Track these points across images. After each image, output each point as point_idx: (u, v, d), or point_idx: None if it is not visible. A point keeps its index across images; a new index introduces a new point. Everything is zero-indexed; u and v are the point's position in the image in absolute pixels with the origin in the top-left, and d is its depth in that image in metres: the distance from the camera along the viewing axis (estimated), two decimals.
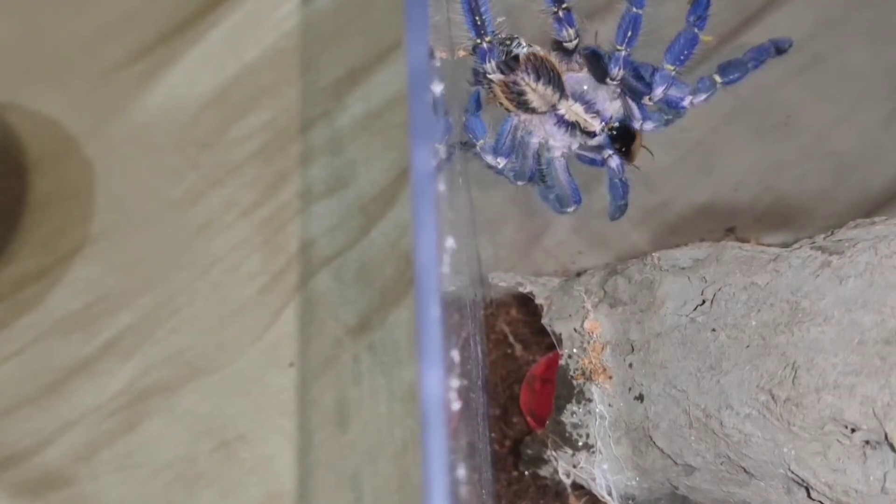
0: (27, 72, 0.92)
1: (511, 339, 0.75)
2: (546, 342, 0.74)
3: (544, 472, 0.64)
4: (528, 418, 0.70)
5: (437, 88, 0.41)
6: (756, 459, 0.48)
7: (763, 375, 0.47)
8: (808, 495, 0.47)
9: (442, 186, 0.38)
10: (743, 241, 0.68)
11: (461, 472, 0.36)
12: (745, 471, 0.49)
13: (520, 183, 0.57)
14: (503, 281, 0.65)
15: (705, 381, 0.50)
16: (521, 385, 0.72)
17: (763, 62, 0.54)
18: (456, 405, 0.36)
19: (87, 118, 0.90)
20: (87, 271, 0.86)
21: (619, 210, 0.55)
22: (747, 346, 0.48)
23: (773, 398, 0.46)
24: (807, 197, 0.84)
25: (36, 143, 0.89)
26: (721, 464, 0.51)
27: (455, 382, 0.36)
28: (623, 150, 0.54)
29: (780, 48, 0.55)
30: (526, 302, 0.74)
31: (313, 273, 0.84)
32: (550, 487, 0.67)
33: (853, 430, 0.44)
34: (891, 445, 0.42)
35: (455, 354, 0.38)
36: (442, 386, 0.32)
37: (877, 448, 0.43)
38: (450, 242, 0.39)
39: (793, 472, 0.46)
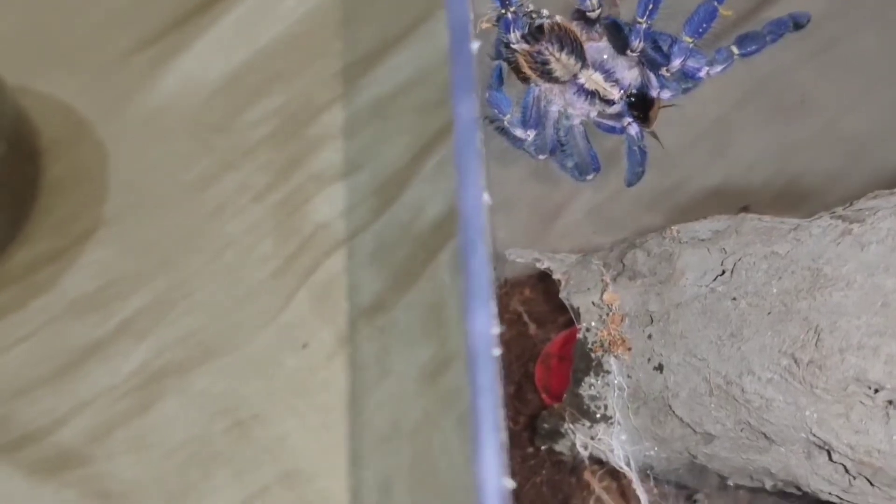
0: (41, 56, 0.92)
1: (525, 318, 0.75)
2: (560, 321, 0.74)
3: (560, 446, 0.64)
4: (544, 395, 0.70)
5: (475, 45, 0.41)
6: (777, 424, 0.48)
7: (785, 340, 0.47)
8: (830, 458, 0.47)
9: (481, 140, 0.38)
10: None
11: (500, 417, 0.37)
12: (765, 437, 0.49)
13: (541, 157, 0.58)
14: (520, 257, 0.66)
15: (726, 348, 0.50)
16: (535, 363, 0.73)
17: (781, 35, 0.55)
18: (496, 351, 0.36)
19: (101, 102, 0.91)
20: (101, 254, 0.86)
21: (636, 176, 0.56)
22: (769, 313, 0.49)
23: (795, 362, 0.46)
24: (820, 179, 0.84)
25: (49, 127, 0.90)
26: (741, 430, 0.51)
27: (495, 330, 0.36)
28: (641, 116, 0.54)
29: (797, 22, 0.56)
30: (540, 281, 0.75)
31: (327, 255, 0.84)
32: (566, 463, 0.67)
33: (876, 391, 0.44)
34: None
35: (492, 305, 0.38)
36: (490, 323, 0.32)
37: None
38: (486, 197, 0.39)
39: (814, 436, 0.47)
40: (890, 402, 0.44)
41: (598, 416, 0.58)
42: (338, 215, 0.86)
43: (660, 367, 0.54)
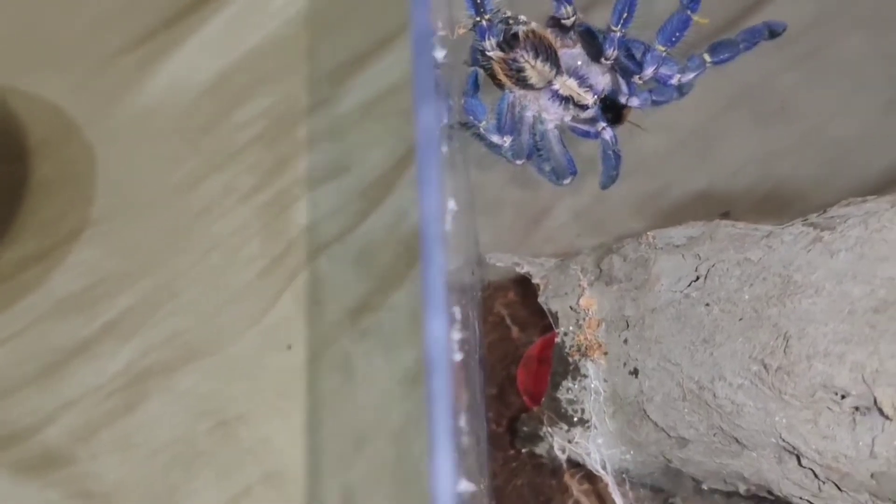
0: (29, 56, 0.93)
1: (508, 321, 0.75)
2: (543, 324, 0.75)
3: (540, 449, 0.64)
4: (525, 398, 0.71)
5: (440, 54, 0.42)
6: (748, 429, 0.49)
7: (756, 346, 0.48)
8: (799, 463, 0.47)
9: (444, 148, 0.39)
10: None
11: (462, 421, 0.37)
12: (737, 441, 0.50)
13: (518, 162, 0.58)
14: (500, 261, 0.66)
15: (699, 353, 0.51)
16: (517, 366, 0.73)
17: (755, 44, 0.55)
18: (458, 356, 0.37)
19: (89, 103, 0.91)
20: (88, 254, 0.86)
21: (610, 179, 0.56)
22: (740, 319, 0.49)
23: (765, 367, 0.47)
24: (804, 184, 0.85)
25: (37, 128, 0.90)
26: (714, 435, 0.51)
27: (457, 335, 0.37)
28: (614, 119, 0.55)
29: (773, 31, 0.56)
30: (523, 285, 0.75)
31: (313, 257, 0.85)
32: (546, 465, 0.67)
33: (843, 397, 0.44)
34: (880, 410, 0.43)
35: (456, 311, 0.39)
36: (445, 330, 0.33)
37: (866, 414, 0.44)
38: (451, 204, 0.40)
39: (784, 441, 0.47)
40: (856, 409, 0.44)
41: (575, 419, 0.59)
42: (323, 218, 0.86)
43: (635, 372, 0.55)
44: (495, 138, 0.54)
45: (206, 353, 0.83)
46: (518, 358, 0.74)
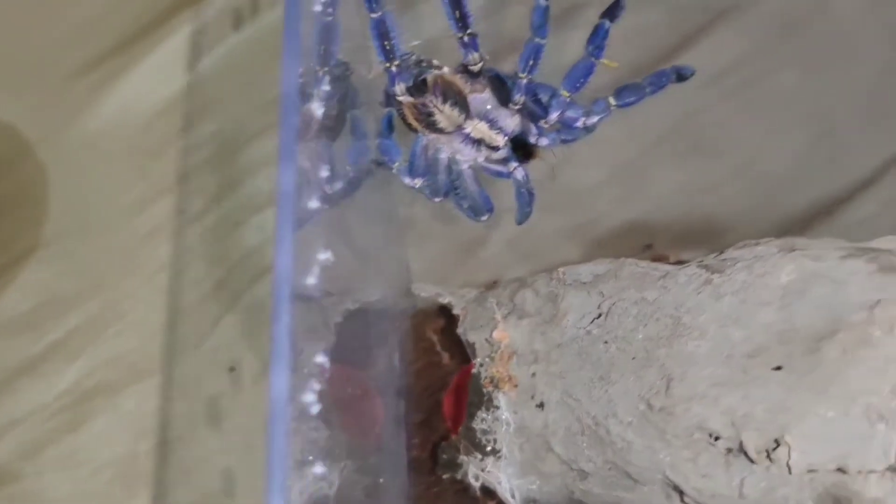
0: None
1: (438, 347, 0.77)
2: None
3: (460, 475, 0.66)
4: (449, 424, 0.73)
5: (319, 111, 0.44)
6: (638, 465, 0.51)
7: (644, 386, 0.50)
8: (682, 500, 0.49)
9: (315, 204, 0.41)
10: (661, 257, 0.71)
11: (318, 469, 0.39)
12: (629, 476, 0.52)
13: (437, 199, 0.60)
14: (424, 291, 0.68)
15: (596, 390, 0.53)
16: (445, 392, 0.75)
17: (662, 87, 0.57)
18: (315, 408, 0.39)
19: (43, 124, 0.93)
20: (38, 274, 0.88)
21: (525, 216, 0.58)
22: (633, 358, 0.51)
23: (650, 407, 0.49)
24: (732, 217, 0.87)
25: None
26: (609, 469, 0.53)
27: (317, 386, 0.39)
28: (524, 153, 0.57)
29: (681, 75, 0.58)
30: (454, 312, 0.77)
31: (255, 280, 0.86)
32: (468, 492, 0.69)
33: (717, 438, 0.46)
34: (745, 453, 0.45)
35: (322, 360, 0.41)
36: (287, 386, 0.35)
37: (738, 456, 0.46)
38: (325, 255, 0.42)
39: (668, 478, 0.49)
40: (729, 450, 0.46)
41: (488, 449, 0.61)
42: (267, 241, 0.88)
43: (541, 405, 0.57)
44: (407, 180, 0.56)
45: (150, 373, 0.84)
46: (446, 385, 0.76)
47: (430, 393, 0.74)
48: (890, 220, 0.86)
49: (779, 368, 0.44)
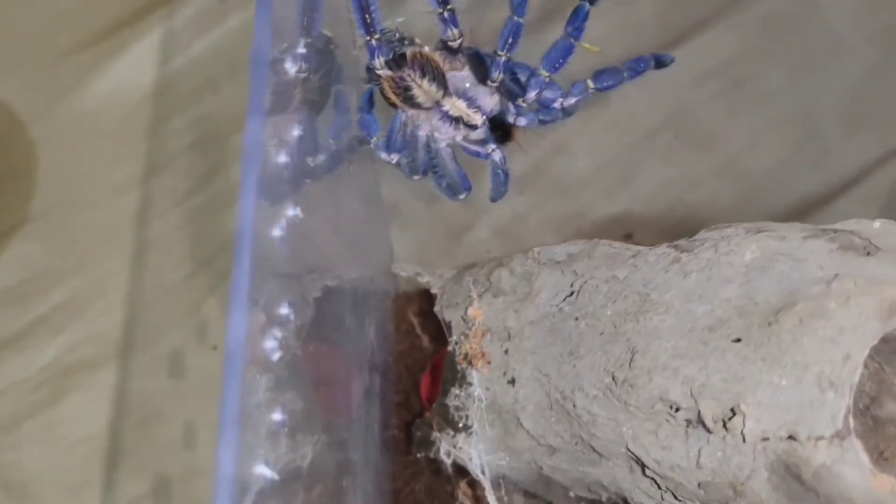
0: None
1: (419, 330, 0.78)
2: None
3: (433, 453, 0.67)
4: (426, 403, 0.73)
5: (292, 70, 0.45)
6: (603, 439, 0.51)
7: (610, 359, 0.50)
8: (643, 473, 0.50)
9: (283, 158, 0.41)
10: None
11: (277, 415, 0.40)
12: (594, 450, 0.52)
13: (415, 177, 0.61)
14: (404, 271, 0.69)
15: (565, 365, 0.53)
16: (424, 374, 0.76)
17: (640, 73, 0.58)
18: (277, 354, 0.39)
19: (36, 101, 0.93)
20: (25, 249, 0.89)
21: (500, 194, 0.59)
22: (601, 334, 0.52)
23: (614, 380, 0.49)
24: (716, 213, 0.88)
25: None
26: (576, 444, 0.54)
27: (279, 333, 0.40)
28: (503, 134, 0.57)
29: (660, 61, 0.59)
30: (432, 295, 0.77)
31: None
32: (443, 471, 0.70)
33: (677, 410, 0.47)
34: (702, 423, 0.45)
35: (288, 310, 0.42)
36: (245, 329, 0.35)
37: (697, 427, 0.46)
38: (293, 211, 0.42)
39: (630, 451, 0.50)
40: (689, 422, 0.47)
41: (460, 425, 0.61)
42: None
43: (512, 381, 0.57)
44: (384, 155, 0.57)
45: (132, 350, 0.85)
46: (426, 366, 0.76)
47: (411, 374, 0.75)
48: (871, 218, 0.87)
49: (738, 340, 0.45)
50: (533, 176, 0.90)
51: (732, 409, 0.43)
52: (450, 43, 0.54)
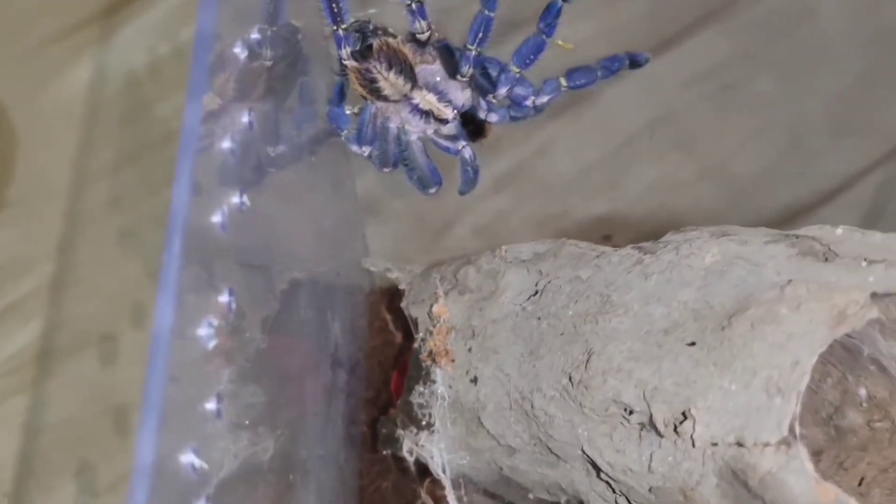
0: None
1: (392, 326, 0.77)
2: None
3: (399, 451, 0.66)
4: (396, 401, 0.72)
5: (241, 54, 0.44)
6: (559, 440, 0.50)
7: (568, 360, 0.50)
8: (598, 476, 0.49)
9: (227, 144, 0.41)
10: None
11: (210, 405, 0.39)
12: (551, 452, 0.52)
13: (385, 170, 0.60)
14: (374, 266, 0.68)
15: (525, 365, 0.53)
16: (395, 370, 0.75)
17: (614, 72, 0.57)
18: (212, 342, 0.39)
19: (17, 87, 0.92)
20: (0, 235, 0.88)
21: (469, 188, 0.58)
22: (561, 334, 0.51)
23: (570, 381, 0.48)
24: (698, 217, 0.86)
25: None
26: (534, 445, 0.53)
27: (216, 321, 0.39)
28: (475, 130, 0.57)
29: (635, 61, 0.58)
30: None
31: None
32: (409, 469, 0.69)
33: (630, 413, 0.46)
34: (654, 427, 0.44)
35: (227, 300, 0.41)
36: (174, 318, 0.35)
37: (650, 431, 0.45)
38: (239, 199, 0.42)
39: (585, 453, 0.49)
40: (642, 425, 0.46)
41: (423, 423, 0.60)
42: None
43: (475, 380, 0.56)
44: (355, 148, 0.56)
45: (104, 338, 0.84)
46: (397, 363, 0.76)
47: (383, 370, 0.74)
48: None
49: (692, 344, 0.44)
50: (516, 174, 0.89)
51: (684, 414, 0.42)
52: (418, 35, 0.53)
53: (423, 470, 0.66)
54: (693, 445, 0.42)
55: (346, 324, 0.68)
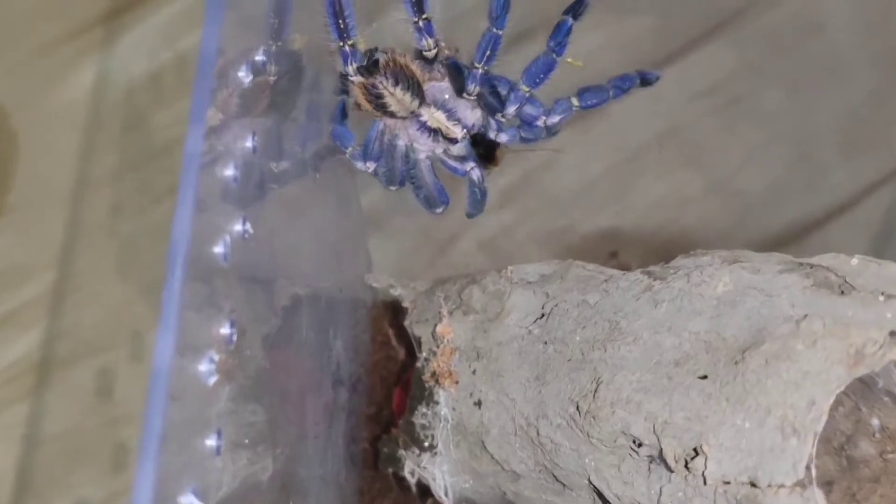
0: None
1: (394, 341, 0.76)
2: None
3: (400, 471, 0.65)
4: (398, 418, 0.71)
5: (247, 80, 0.43)
6: (565, 469, 0.49)
7: (575, 388, 0.49)
8: None
9: (230, 171, 0.40)
10: (624, 266, 0.70)
11: (210, 441, 0.38)
12: (557, 479, 0.51)
13: (392, 188, 0.59)
14: (377, 282, 0.67)
15: (531, 390, 0.52)
16: (397, 387, 0.74)
17: (625, 91, 0.56)
18: (213, 378, 0.38)
19: (19, 90, 0.92)
20: (0, 241, 0.87)
21: (476, 210, 0.57)
22: (569, 360, 0.50)
23: (578, 410, 0.47)
24: (705, 233, 0.86)
25: None
26: (539, 472, 0.52)
27: (216, 356, 0.38)
28: (487, 156, 0.56)
29: (645, 79, 0.57)
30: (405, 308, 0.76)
31: None
32: (412, 489, 0.68)
33: (639, 445, 0.45)
34: (664, 461, 0.43)
35: (227, 331, 0.40)
36: (173, 352, 0.34)
37: (659, 464, 0.44)
38: (242, 226, 0.41)
39: (592, 483, 0.48)
40: (651, 459, 0.45)
41: (426, 444, 0.59)
42: None
43: (479, 403, 0.56)
44: (360, 164, 0.55)
45: (104, 349, 0.83)
46: (399, 379, 0.75)
47: (385, 386, 0.73)
48: (863, 245, 0.85)
49: (704, 377, 0.43)
50: (522, 188, 0.88)
51: (695, 450, 0.41)
52: (424, 53, 0.52)
53: (425, 490, 0.65)
54: (704, 483, 0.41)
55: (348, 341, 0.67)
